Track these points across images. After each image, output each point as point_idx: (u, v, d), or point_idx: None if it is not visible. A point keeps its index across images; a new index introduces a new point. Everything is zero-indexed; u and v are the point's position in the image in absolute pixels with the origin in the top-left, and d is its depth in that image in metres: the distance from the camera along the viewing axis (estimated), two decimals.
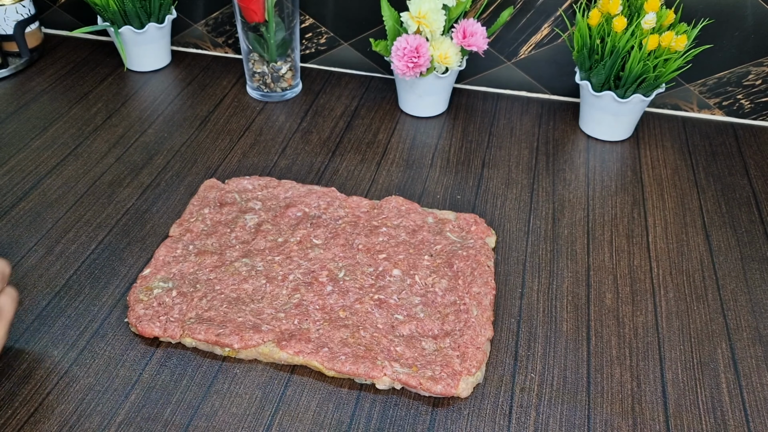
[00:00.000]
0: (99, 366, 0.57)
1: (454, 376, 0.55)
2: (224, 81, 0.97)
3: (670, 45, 0.77)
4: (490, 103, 0.94)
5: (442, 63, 0.83)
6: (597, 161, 0.84)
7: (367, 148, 0.84)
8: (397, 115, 0.91)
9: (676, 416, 0.55)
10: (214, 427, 0.53)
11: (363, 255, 0.66)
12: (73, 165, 0.80)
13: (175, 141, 0.84)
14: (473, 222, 0.70)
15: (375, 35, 0.96)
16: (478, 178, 0.80)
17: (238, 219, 0.70)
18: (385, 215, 0.71)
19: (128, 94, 0.93)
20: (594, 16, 0.80)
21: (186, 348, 0.59)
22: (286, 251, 0.66)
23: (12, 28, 0.95)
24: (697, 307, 0.65)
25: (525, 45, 0.93)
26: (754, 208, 0.77)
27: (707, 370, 0.59)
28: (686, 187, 0.80)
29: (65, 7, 1.05)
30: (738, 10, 0.84)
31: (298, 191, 0.74)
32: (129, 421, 0.53)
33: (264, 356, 0.58)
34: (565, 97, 0.96)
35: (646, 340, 0.61)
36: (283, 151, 0.83)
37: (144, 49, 0.96)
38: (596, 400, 0.56)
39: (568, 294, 0.65)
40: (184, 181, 0.78)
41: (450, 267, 0.65)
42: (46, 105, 0.90)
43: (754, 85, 0.89)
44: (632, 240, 0.72)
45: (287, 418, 0.54)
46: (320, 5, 0.96)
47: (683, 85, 0.91)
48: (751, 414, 0.56)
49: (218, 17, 1.01)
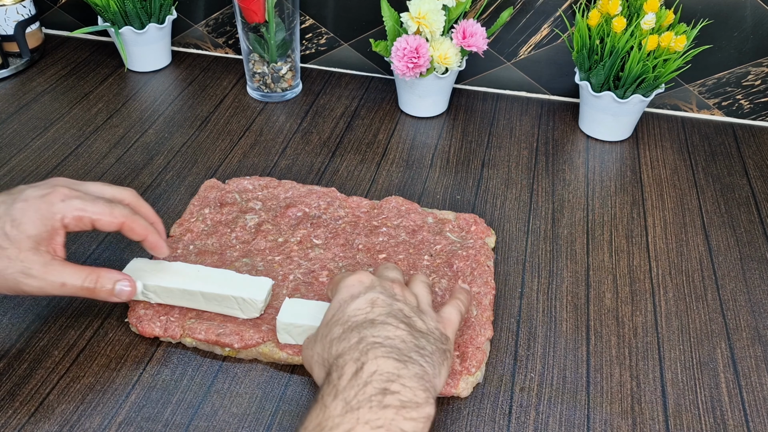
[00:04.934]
0: (99, 366, 0.57)
1: (454, 375, 0.55)
2: (224, 81, 0.97)
3: (669, 45, 0.78)
4: (490, 104, 0.94)
5: (442, 63, 0.84)
6: (596, 161, 0.84)
7: (367, 149, 0.85)
8: (397, 116, 0.91)
9: (676, 416, 0.55)
10: (214, 426, 0.53)
11: (363, 255, 0.66)
12: (74, 165, 0.80)
13: (176, 141, 0.84)
14: (473, 222, 0.70)
15: (375, 36, 0.96)
16: (478, 178, 0.80)
17: (238, 219, 0.70)
18: (385, 215, 0.71)
19: (129, 94, 0.93)
20: (593, 16, 0.80)
21: (186, 348, 0.59)
22: (287, 251, 0.66)
23: (13, 29, 0.95)
24: (696, 307, 0.65)
25: (525, 45, 0.93)
26: (753, 208, 0.77)
27: (706, 369, 0.59)
28: (685, 187, 0.80)
29: (66, 8, 1.05)
30: (737, 10, 0.84)
31: (298, 191, 0.74)
32: (129, 421, 0.53)
33: (264, 356, 0.58)
34: (564, 98, 0.96)
35: (645, 340, 0.61)
36: (284, 152, 0.83)
37: (144, 50, 0.96)
38: (596, 400, 0.56)
39: (567, 294, 0.66)
40: (185, 182, 0.78)
41: (450, 267, 0.65)
42: (46, 105, 0.90)
43: (754, 85, 0.89)
44: (632, 240, 0.72)
45: (287, 418, 0.54)
46: (320, 6, 0.96)
47: (682, 85, 0.91)
48: (751, 414, 0.56)
49: (218, 18, 1.01)
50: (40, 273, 0.51)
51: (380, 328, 0.47)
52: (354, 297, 0.50)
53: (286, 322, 0.56)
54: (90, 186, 0.57)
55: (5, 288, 0.52)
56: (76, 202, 0.53)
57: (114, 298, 0.55)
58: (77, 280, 0.53)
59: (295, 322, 0.56)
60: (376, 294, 0.50)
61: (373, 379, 0.43)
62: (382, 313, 0.48)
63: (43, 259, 0.52)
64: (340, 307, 0.50)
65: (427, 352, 0.47)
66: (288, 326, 0.56)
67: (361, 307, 0.49)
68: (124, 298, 0.55)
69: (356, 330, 0.47)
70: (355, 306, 0.49)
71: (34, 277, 0.51)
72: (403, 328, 0.47)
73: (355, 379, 0.43)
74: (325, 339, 0.49)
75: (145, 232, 0.56)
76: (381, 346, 0.45)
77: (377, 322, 0.47)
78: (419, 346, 0.47)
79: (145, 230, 0.56)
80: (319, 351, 0.49)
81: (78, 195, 0.54)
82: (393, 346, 0.45)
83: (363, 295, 0.50)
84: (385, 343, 0.45)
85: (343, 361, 0.45)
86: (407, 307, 0.50)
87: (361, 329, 0.47)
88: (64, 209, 0.52)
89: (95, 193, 0.56)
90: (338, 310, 0.50)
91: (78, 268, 0.53)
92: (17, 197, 0.53)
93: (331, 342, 0.48)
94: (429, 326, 0.50)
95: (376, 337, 0.46)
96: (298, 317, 0.56)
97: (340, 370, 0.44)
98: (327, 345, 0.48)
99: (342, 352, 0.46)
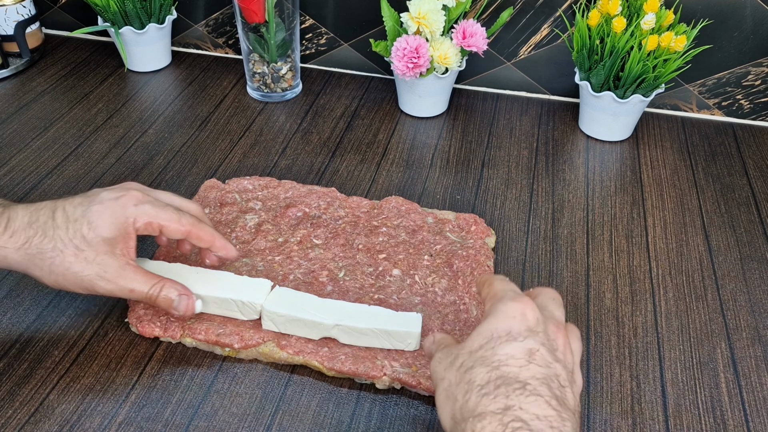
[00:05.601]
0: (99, 366, 0.57)
1: None
2: (224, 81, 0.97)
3: (669, 45, 0.78)
4: (490, 104, 0.94)
5: (442, 63, 0.84)
6: (596, 161, 0.84)
7: (367, 149, 0.85)
8: (397, 116, 0.91)
9: (676, 416, 0.55)
10: (214, 426, 0.53)
11: (363, 255, 0.66)
12: (74, 165, 0.80)
13: (176, 141, 0.84)
14: (473, 222, 0.70)
15: (375, 36, 0.96)
16: (478, 178, 0.80)
17: (238, 219, 0.70)
18: (385, 215, 0.71)
19: (129, 94, 0.93)
20: (593, 16, 0.80)
21: (186, 348, 0.59)
22: (287, 251, 0.66)
23: (13, 29, 0.95)
24: (696, 306, 0.65)
25: (525, 45, 0.93)
26: (753, 208, 0.77)
27: (706, 369, 0.59)
28: (685, 187, 0.80)
29: (66, 8, 1.05)
30: (737, 10, 0.84)
31: (298, 191, 0.74)
32: (129, 421, 0.53)
33: (264, 356, 0.58)
34: (564, 98, 0.96)
35: (645, 340, 0.61)
36: (284, 152, 0.83)
37: (144, 50, 0.96)
38: (596, 400, 0.56)
39: (567, 294, 0.66)
40: (185, 182, 0.78)
41: (450, 267, 0.65)
42: (46, 105, 0.90)
43: (754, 85, 0.89)
44: (631, 240, 0.72)
45: (287, 418, 0.54)
46: (320, 6, 0.96)
47: (682, 85, 0.91)
48: (751, 413, 0.56)
49: (218, 18, 1.01)
50: (113, 277, 0.53)
51: (531, 401, 0.41)
52: (511, 337, 0.44)
53: (271, 310, 0.57)
54: (160, 194, 0.58)
55: (80, 287, 0.54)
56: (148, 207, 0.55)
57: (173, 309, 0.56)
58: (144, 288, 0.55)
59: (280, 311, 0.57)
60: (537, 344, 0.44)
61: None
62: (537, 375, 0.42)
63: (118, 263, 0.54)
64: (491, 341, 0.44)
65: None
66: (272, 314, 0.57)
67: (516, 356, 0.43)
68: (182, 311, 0.56)
69: (503, 389, 0.42)
70: (510, 352, 0.43)
71: (108, 280, 0.53)
72: (554, 405, 0.41)
73: None
74: (465, 374, 0.44)
75: (211, 238, 0.57)
76: (527, 428, 0.40)
77: (529, 389, 0.42)
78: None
79: (211, 236, 0.57)
80: (451, 380, 0.44)
81: (150, 200, 0.55)
82: (540, 431, 0.40)
83: (522, 341, 0.44)
84: (532, 425, 0.40)
85: (481, 427, 0.40)
86: (564, 373, 0.44)
87: (510, 392, 0.41)
88: (136, 213, 0.54)
89: (165, 201, 0.57)
90: (488, 343, 0.44)
91: (146, 276, 0.55)
92: (93, 200, 0.54)
93: (471, 385, 0.43)
94: (575, 402, 0.44)
95: (524, 411, 0.41)
96: (284, 307, 0.57)
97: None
98: (465, 385, 0.43)
99: (482, 414, 0.41)
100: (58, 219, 0.54)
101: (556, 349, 0.45)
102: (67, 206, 0.54)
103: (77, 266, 0.53)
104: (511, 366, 0.43)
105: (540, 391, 0.42)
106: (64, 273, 0.53)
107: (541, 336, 0.45)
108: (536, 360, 0.43)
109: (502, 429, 0.40)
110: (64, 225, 0.53)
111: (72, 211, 0.54)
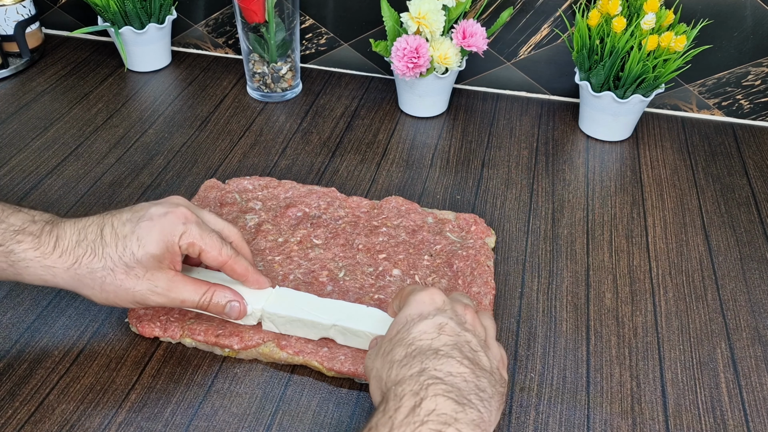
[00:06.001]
0: (99, 366, 0.57)
1: None
2: (224, 81, 0.97)
3: (669, 45, 0.78)
4: (490, 104, 0.94)
5: (442, 63, 0.84)
6: (596, 161, 0.84)
7: (367, 149, 0.85)
8: (397, 116, 0.91)
9: (676, 416, 0.55)
10: (214, 427, 0.53)
11: (363, 255, 0.66)
12: (74, 165, 0.80)
13: (176, 141, 0.84)
14: (473, 222, 0.70)
15: (375, 36, 0.96)
16: (478, 178, 0.80)
17: (238, 219, 0.70)
18: (385, 215, 0.71)
19: (129, 94, 0.93)
20: (593, 16, 0.80)
21: (186, 348, 0.59)
22: (287, 251, 0.66)
23: (12, 29, 0.95)
24: (696, 307, 0.65)
25: (524, 45, 0.93)
26: (753, 208, 0.77)
27: (706, 369, 0.59)
28: (685, 187, 0.80)
29: (66, 8, 1.05)
30: (737, 10, 0.84)
31: (298, 191, 0.74)
32: (129, 421, 0.53)
33: (264, 356, 0.58)
34: (564, 98, 0.96)
35: (645, 340, 0.61)
36: (284, 152, 0.83)
37: (144, 50, 0.96)
38: (596, 400, 0.56)
39: (567, 294, 0.66)
40: (185, 182, 0.78)
41: (450, 267, 0.65)
42: (46, 105, 0.90)
43: (754, 85, 0.89)
44: (632, 240, 0.72)
45: (287, 418, 0.54)
46: (320, 6, 0.96)
47: (682, 85, 0.91)
48: (751, 413, 0.56)
49: (218, 18, 1.01)
50: (164, 290, 0.54)
51: (444, 362, 0.45)
52: (422, 317, 0.48)
53: (270, 311, 0.57)
54: (205, 213, 0.58)
55: (131, 302, 0.54)
56: (195, 229, 0.55)
57: (225, 315, 0.57)
58: (195, 297, 0.55)
59: (280, 312, 0.57)
60: (445, 319, 0.48)
61: (430, 419, 0.41)
62: (448, 343, 0.46)
63: (167, 276, 0.54)
64: (406, 325, 0.48)
65: (486, 395, 0.45)
66: (272, 315, 0.57)
67: (428, 331, 0.47)
68: (234, 317, 0.57)
69: (419, 358, 0.45)
70: (422, 328, 0.47)
71: (159, 294, 0.54)
72: (466, 364, 0.45)
73: (412, 416, 0.42)
74: (386, 357, 0.47)
75: (246, 272, 0.57)
76: (442, 382, 0.43)
77: (441, 353, 0.45)
78: (480, 387, 0.45)
79: (246, 271, 0.57)
80: (378, 367, 0.48)
81: (197, 221, 0.55)
82: (454, 385, 0.43)
83: (432, 318, 0.48)
84: (447, 380, 0.44)
85: (401, 391, 0.43)
86: (475, 340, 0.48)
87: (424, 358, 0.45)
88: (182, 231, 0.54)
89: (209, 224, 0.57)
90: (404, 327, 0.48)
91: (196, 285, 0.55)
92: (143, 215, 0.54)
93: (392, 363, 0.46)
94: (492, 365, 0.47)
95: (438, 371, 0.44)
96: (284, 308, 0.57)
97: (398, 402, 0.43)
98: (387, 365, 0.47)
99: (401, 380, 0.44)
100: (107, 236, 0.53)
101: (465, 322, 0.49)
102: (115, 222, 0.54)
103: (129, 283, 0.53)
104: (424, 340, 0.47)
105: (452, 354, 0.45)
106: (116, 291, 0.53)
107: (449, 312, 0.49)
108: (446, 331, 0.47)
109: (419, 387, 0.43)
110: (113, 242, 0.53)
111: (121, 228, 0.53)
